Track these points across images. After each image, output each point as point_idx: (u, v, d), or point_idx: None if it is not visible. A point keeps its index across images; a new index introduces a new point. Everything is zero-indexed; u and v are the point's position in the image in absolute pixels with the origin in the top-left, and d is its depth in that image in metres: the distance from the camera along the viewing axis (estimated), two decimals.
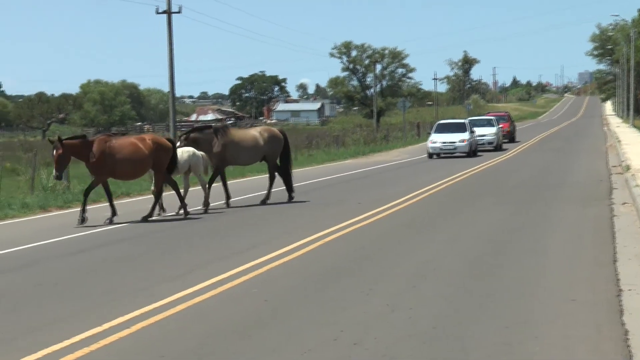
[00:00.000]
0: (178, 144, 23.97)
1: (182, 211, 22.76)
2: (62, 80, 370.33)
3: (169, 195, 24.14)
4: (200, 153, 23.98)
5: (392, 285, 12.73)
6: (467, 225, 19.64)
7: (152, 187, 23.12)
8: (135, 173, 22.78)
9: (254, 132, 26.92)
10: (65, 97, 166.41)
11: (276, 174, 26.53)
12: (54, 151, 20.77)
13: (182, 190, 23.43)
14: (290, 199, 26.19)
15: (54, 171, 21.12)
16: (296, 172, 42.17)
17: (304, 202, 26.19)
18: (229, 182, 26.19)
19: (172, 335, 10.11)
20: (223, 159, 24.96)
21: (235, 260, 15.37)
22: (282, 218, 22.55)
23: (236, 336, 10.14)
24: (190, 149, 23.77)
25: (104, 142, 21.43)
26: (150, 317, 10.74)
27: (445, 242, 17.27)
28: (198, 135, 24.72)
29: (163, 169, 22.38)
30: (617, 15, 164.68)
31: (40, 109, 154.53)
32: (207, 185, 24.05)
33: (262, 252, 15.97)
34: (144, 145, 21.91)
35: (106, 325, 10.28)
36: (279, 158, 26.47)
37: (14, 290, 13.69)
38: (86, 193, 21.69)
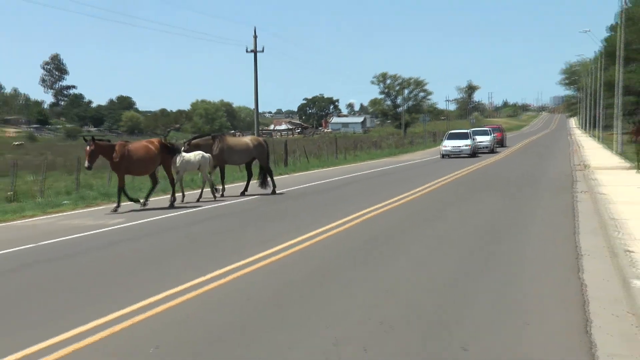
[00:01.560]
0: (183, 148, 23.00)
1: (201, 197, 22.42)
2: (177, 99, 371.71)
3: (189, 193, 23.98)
4: (207, 155, 22.99)
5: (418, 250, 12.80)
6: (475, 204, 19.58)
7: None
8: (148, 169, 21.19)
9: (246, 140, 26.04)
10: (180, 112, 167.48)
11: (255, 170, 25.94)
12: (87, 147, 19.48)
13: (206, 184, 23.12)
14: (274, 192, 24.55)
15: (86, 162, 19.52)
16: (347, 167, 42.49)
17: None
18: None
19: (257, 283, 9.98)
20: (220, 159, 24.11)
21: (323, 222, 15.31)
22: (330, 199, 22.36)
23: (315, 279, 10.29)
24: (200, 152, 22.83)
25: (123, 146, 20.39)
26: (239, 270, 10.79)
27: (463, 213, 17.42)
28: (199, 142, 23.86)
29: (169, 163, 21.43)
30: (581, 55, 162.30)
31: (162, 121, 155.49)
32: (211, 179, 23.38)
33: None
34: (152, 147, 20.95)
35: (213, 274, 10.47)
36: (265, 160, 25.22)
37: (147, 250, 13.45)
38: (120, 189, 20.12)
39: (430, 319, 7.85)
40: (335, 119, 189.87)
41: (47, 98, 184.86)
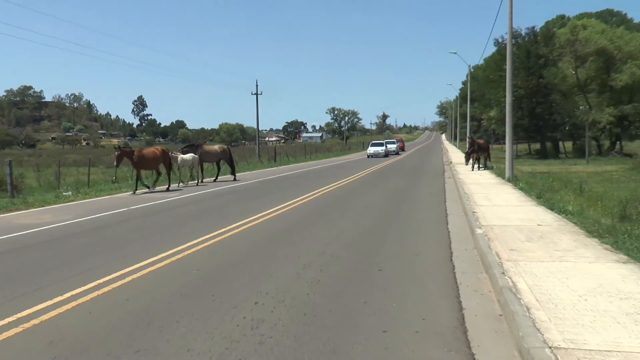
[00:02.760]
0: (179, 153, 21.67)
1: (178, 184, 20.65)
2: (211, 120, 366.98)
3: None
4: (196, 156, 21.73)
5: (363, 201, 12.69)
6: (386, 184, 19.46)
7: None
8: (155, 166, 19.42)
9: (216, 147, 24.02)
10: (212, 129, 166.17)
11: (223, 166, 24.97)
12: (116, 152, 18.05)
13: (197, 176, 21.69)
14: (235, 180, 23.15)
15: (115, 162, 18.31)
16: (307, 163, 42.36)
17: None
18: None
19: (255, 233, 9.84)
20: (200, 159, 22.55)
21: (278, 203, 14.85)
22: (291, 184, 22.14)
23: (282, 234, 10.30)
24: (191, 154, 21.62)
25: (139, 151, 18.78)
26: (244, 225, 10.67)
27: (378, 189, 17.21)
28: (189, 149, 22.44)
29: (168, 163, 19.74)
30: (447, 97, 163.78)
31: (201, 134, 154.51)
32: (201, 173, 22.43)
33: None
34: (157, 152, 19.35)
35: (222, 230, 10.33)
36: (228, 159, 23.82)
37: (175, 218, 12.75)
38: (137, 179, 18.71)
39: (360, 252, 7.89)
40: (304, 134, 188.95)
41: (135, 120, 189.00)
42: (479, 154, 25.99)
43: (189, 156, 21.57)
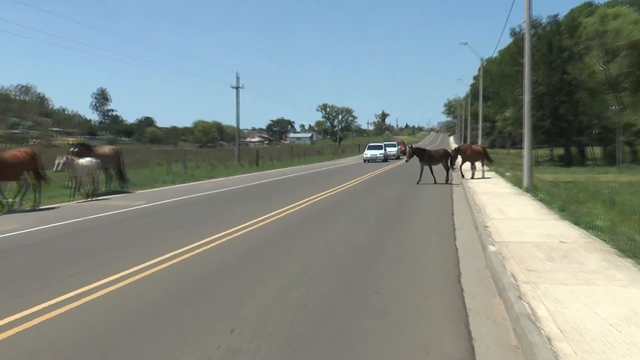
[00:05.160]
0: (73, 156, 18.69)
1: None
2: (184, 118, 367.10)
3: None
4: (98, 161, 19.10)
5: (356, 210, 12.76)
6: (387, 190, 19.68)
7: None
8: (18, 175, 15.89)
9: (106, 149, 22.60)
10: (186, 128, 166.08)
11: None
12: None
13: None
14: (126, 186, 21.87)
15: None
16: (294, 168, 42.32)
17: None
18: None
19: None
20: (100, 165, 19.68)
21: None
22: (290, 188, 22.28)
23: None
24: (90, 159, 18.72)
25: None
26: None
27: (379, 194, 17.66)
28: (83, 150, 20.14)
29: (36, 169, 16.44)
30: (457, 94, 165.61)
31: (173, 134, 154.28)
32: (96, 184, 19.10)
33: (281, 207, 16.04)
34: (21, 155, 16.02)
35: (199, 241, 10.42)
36: (118, 165, 21.96)
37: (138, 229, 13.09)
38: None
39: (353, 271, 7.77)
40: (291, 135, 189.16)
41: (95, 117, 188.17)
42: (471, 160, 25.87)
43: (86, 161, 18.50)
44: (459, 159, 26.10)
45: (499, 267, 7.34)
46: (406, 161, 26.05)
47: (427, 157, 23.91)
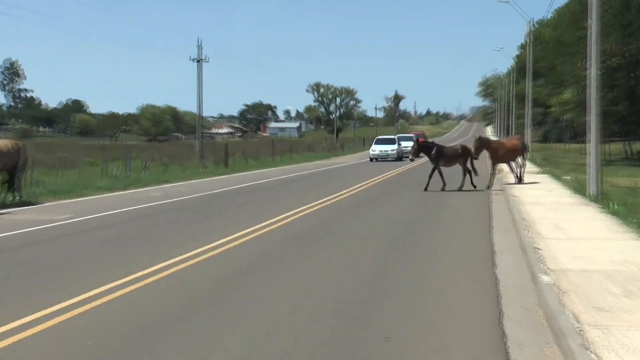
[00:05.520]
0: None
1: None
2: (126, 102, 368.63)
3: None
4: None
5: (351, 240, 12.72)
6: (405, 196, 20.03)
7: None
8: None
9: (7, 142, 21.71)
10: (129, 115, 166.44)
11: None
12: None
13: None
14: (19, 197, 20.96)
15: None
16: (284, 168, 42.41)
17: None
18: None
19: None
20: None
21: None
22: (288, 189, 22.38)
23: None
24: None
25: None
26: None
27: (394, 200, 17.92)
28: None
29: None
30: (496, 69, 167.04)
31: (111, 123, 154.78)
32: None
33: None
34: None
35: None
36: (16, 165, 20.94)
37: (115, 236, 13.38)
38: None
39: (359, 309, 7.71)
40: (273, 124, 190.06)
41: (3, 99, 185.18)
42: (505, 160, 25.96)
43: None
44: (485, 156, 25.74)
45: (556, 305, 7.32)
46: (411, 160, 26.07)
47: (435, 155, 23.46)
